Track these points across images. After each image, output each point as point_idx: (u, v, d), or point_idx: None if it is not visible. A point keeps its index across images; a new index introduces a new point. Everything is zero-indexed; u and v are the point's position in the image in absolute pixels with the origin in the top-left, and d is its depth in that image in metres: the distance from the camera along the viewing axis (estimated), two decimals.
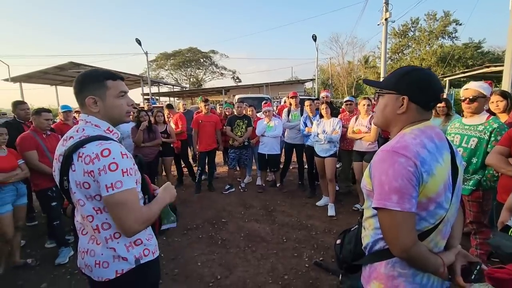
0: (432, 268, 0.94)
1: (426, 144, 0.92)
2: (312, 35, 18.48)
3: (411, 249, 0.88)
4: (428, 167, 0.89)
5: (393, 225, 0.89)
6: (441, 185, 0.91)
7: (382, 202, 0.89)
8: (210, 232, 3.50)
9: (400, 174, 0.87)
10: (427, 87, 0.98)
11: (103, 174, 1.01)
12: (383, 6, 8.80)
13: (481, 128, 2.37)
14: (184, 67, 39.81)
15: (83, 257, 1.17)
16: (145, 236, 1.21)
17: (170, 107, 5.81)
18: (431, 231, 0.94)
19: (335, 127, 4.01)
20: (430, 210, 0.92)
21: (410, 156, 0.88)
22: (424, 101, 0.99)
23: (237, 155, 4.96)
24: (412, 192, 0.87)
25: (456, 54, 23.77)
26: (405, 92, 0.99)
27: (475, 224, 2.51)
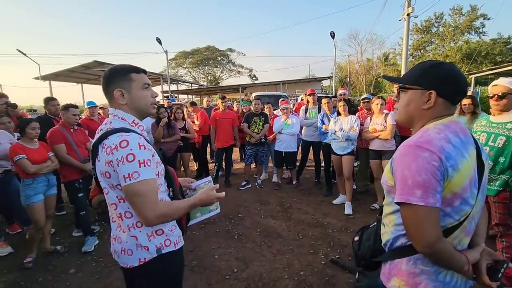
0: (456, 265, 0.92)
1: (451, 139, 0.91)
2: (331, 32, 18.19)
3: (435, 245, 0.87)
4: (453, 161, 0.87)
5: (416, 220, 0.88)
6: (466, 180, 0.89)
7: (405, 197, 0.88)
8: (227, 227, 3.57)
9: (424, 169, 0.85)
10: (454, 80, 0.96)
11: (121, 165, 1.06)
12: (405, 0, 8.52)
13: (509, 126, 2.27)
14: (202, 65, 40.44)
15: (113, 243, 1.23)
16: (167, 226, 1.24)
17: (193, 104, 5.91)
18: (456, 227, 0.92)
19: (352, 124, 3.96)
20: (455, 206, 0.90)
21: (435, 150, 0.86)
22: (452, 95, 0.97)
23: (254, 151, 5.00)
24: (437, 186, 0.85)
25: (483, 50, 22.63)
26: (432, 86, 0.96)
27: (501, 227, 2.41)
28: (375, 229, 1.21)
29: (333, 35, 18.24)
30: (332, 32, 18.17)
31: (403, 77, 1.09)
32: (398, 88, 1.10)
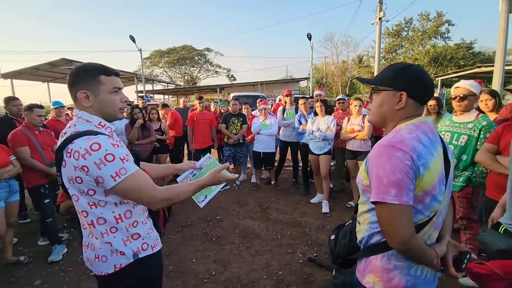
0: (427, 260, 0.96)
1: (421, 139, 0.95)
2: (307, 34, 18.51)
3: (409, 241, 0.90)
4: (424, 160, 0.91)
5: (392, 219, 0.91)
6: (436, 178, 0.93)
7: (381, 196, 0.90)
8: (205, 229, 3.51)
9: (398, 168, 0.88)
10: (423, 82, 1.01)
11: (103, 167, 1.01)
12: (377, 5, 8.88)
13: (470, 126, 2.42)
14: (178, 65, 39.60)
15: (85, 250, 1.18)
16: (144, 230, 1.21)
17: (165, 106, 5.79)
18: (426, 223, 0.96)
19: (329, 125, 4.05)
20: (426, 203, 0.94)
21: (407, 150, 0.90)
22: (421, 96, 1.01)
23: (232, 152, 4.97)
24: (410, 185, 0.88)
25: (448, 54, 24.08)
26: (403, 87, 1.00)
27: (464, 220, 2.57)
28: (350, 227, 1.23)
29: (310, 36, 18.59)
30: (308, 33, 18.50)
31: (375, 78, 1.12)
32: (371, 90, 1.13)
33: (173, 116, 5.25)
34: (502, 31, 6.97)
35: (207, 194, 1.49)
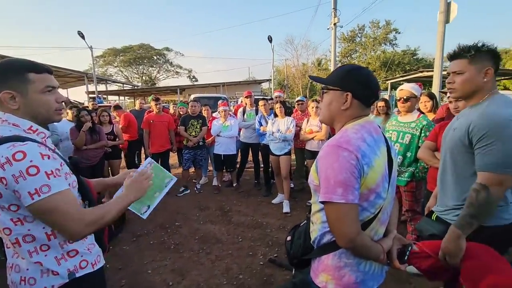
0: (374, 255, 1.00)
1: (366, 138, 0.97)
2: (268, 36, 18.81)
3: (356, 239, 0.92)
4: (368, 159, 0.93)
5: (339, 217, 0.93)
6: (379, 176, 0.96)
7: (328, 195, 0.92)
8: (162, 237, 3.34)
9: (344, 168, 0.90)
10: (368, 84, 1.03)
11: (21, 181, 0.87)
12: (332, 11, 9.34)
13: (413, 125, 2.62)
14: (135, 65, 37.57)
15: (9, 273, 1.02)
16: (83, 246, 1.08)
17: (118, 108, 5.41)
18: (372, 220, 1.00)
19: (289, 126, 4.12)
20: (371, 201, 0.97)
21: (352, 149, 0.92)
22: (365, 97, 1.04)
23: (192, 155, 4.82)
24: (355, 184, 0.91)
25: (396, 60, 26.28)
26: (348, 88, 1.03)
27: (410, 212, 2.77)
28: (305, 228, 1.24)
29: (271, 39, 18.91)
30: (269, 36, 18.81)
31: (326, 78, 1.14)
32: (321, 89, 1.16)
33: (126, 119, 4.93)
34: (440, 40, 7.74)
35: (149, 204, 1.37)
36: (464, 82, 1.38)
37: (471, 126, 1.32)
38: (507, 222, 1.36)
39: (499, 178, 1.25)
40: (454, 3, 7.35)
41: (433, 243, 1.36)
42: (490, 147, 1.26)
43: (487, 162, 1.27)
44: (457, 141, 1.41)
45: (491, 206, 1.28)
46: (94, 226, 1.00)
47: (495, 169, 1.25)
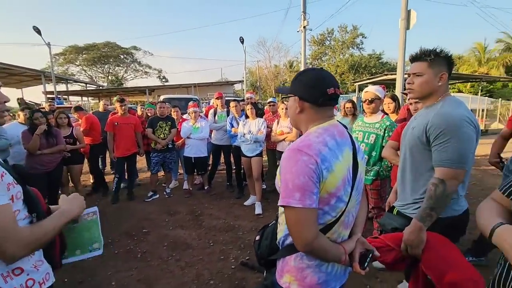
0: (333, 258, 1.00)
1: (327, 142, 0.97)
2: (240, 38, 18.78)
3: (312, 243, 0.92)
4: (328, 164, 0.93)
5: (296, 222, 0.92)
6: (340, 180, 0.96)
7: (286, 200, 0.92)
8: (128, 246, 3.16)
9: (303, 172, 0.90)
10: (313, 84, 1.02)
11: None
12: (301, 14, 9.54)
13: (377, 126, 2.73)
14: (100, 64, 35.48)
15: None
16: (29, 264, 0.98)
17: (79, 109, 5.05)
18: (334, 223, 1.00)
19: (260, 127, 4.11)
20: (332, 204, 0.97)
21: (312, 154, 0.91)
22: (312, 98, 1.02)
23: (161, 159, 4.64)
24: (313, 188, 0.90)
25: (363, 63, 27.52)
26: (295, 92, 1.05)
27: (376, 209, 2.88)
28: (272, 228, 1.24)
29: (242, 40, 18.90)
30: (241, 37, 18.78)
31: (284, 87, 1.20)
32: (281, 98, 1.18)
33: (88, 121, 4.62)
34: (401, 45, 8.23)
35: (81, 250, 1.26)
36: (422, 84, 1.48)
37: (428, 125, 1.41)
38: (458, 212, 1.49)
39: (454, 172, 1.34)
40: (414, 11, 7.86)
41: (394, 236, 1.43)
42: (446, 144, 1.35)
43: (444, 158, 1.36)
44: (415, 139, 1.50)
45: (448, 198, 1.37)
46: (32, 246, 0.92)
47: (451, 165, 1.34)
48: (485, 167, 5.83)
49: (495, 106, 15.16)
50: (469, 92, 20.07)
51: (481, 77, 16.46)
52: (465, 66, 23.90)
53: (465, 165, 1.35)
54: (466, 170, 1.37)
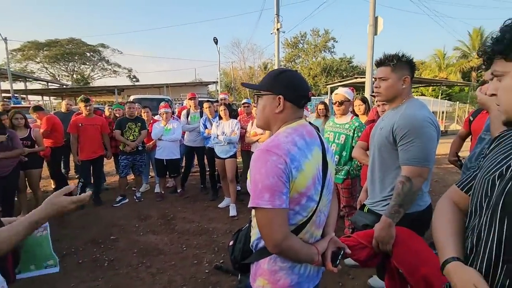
0: (305, 258, 1.00)
1: (296, 142, 0.97)
2: (214, 38, 18.58)
3: (282, 244, 0.92)
4: (297, 163, 0.92)
5: (266, 223, 0.91)
6: (310, 179, 0.96)
7: (256, 201, 0.90)
8: (94, 254, 2.97)
9: (272, 172, 0.89)
10: (298, 86, 1.04)
11: None
12: (275, 17, 9.66)
13: (347, 127, 2.82)
14: (64, 61, 33.33)
15: None
16: None
17: (38, 109, 4.67)
18: (306, 223, 1.00)
19: (233, 128, 4.08)
20: (302, 204, 0.97)
21: (281, 154, 0.91)
22: (297, 99, 1.04)
23: (130, 161, 4.44)
24: (283, 189, 0.90)
25: (334, 66, 28.46)
26: (280, 91, 1.03)
27: (347, 208, 2.97)
28: (246, 231, 1.22)
29: (216, 41, 18.72)
30: (215, 37, 18.60)
31: (258, 84, 1.14)
32: (253, 94, 1.14)
33: (50, 122, 4.30)
34: (370, 49, 8.63)
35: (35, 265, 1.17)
36: (387, 87, 1.56)
37: (395, 126, 1.48)
38: (422, 208, 1.58)
39: (419, 170, 1.42)
40: (381, 18, 8.28)
41: (366, 234, 1.47)
42: (411, 144, 1.43)
43: (409, 157, 1.43)
44: (383, 139, 1.57)
45: (414, 195, 1.45)
46: None
47: (416, 163, 1.42)
48: (445, 166, 6.24)
49: (453, 108, 16.39)
50: (430, 95, 21.52)
51: (441, 82, 17.73)
52: (427, 71, 25.66)
53: (429, 163, 1.44)
54: (430, 167, 1.46)
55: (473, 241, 0.78)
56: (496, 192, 0.72)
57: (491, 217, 0.72)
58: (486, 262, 0.72)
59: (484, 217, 0.75)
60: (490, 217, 0.72)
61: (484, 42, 0.77)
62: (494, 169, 0.76)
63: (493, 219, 0.71)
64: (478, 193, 0.80)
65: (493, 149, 0.84)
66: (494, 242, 0.70)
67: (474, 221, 0.80)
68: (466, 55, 25.06)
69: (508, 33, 0.67)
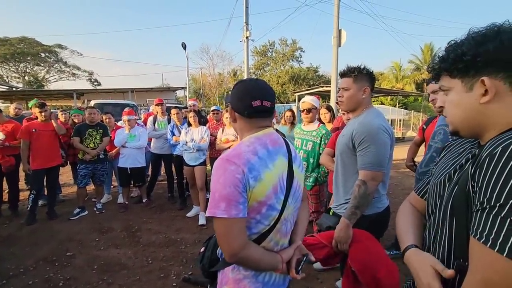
0: (267, 267, 1.01)
1: (258, 151, 0.97)
2: (182, 43, 18.38)
3: (239, 254, 0.91)
4: (256, 172, 0.92)
5: (222, 232, 0.91)
6: (269, 188, 0.95)
7: (212, 210, 0.90)
8: (48, 273, 2.70)
9: (229, 182, 0.89)
10: (241, 97, 1.03)
11: None
12: (244, 25, 9.78)
13: (314, 134, 2.91)
14: (14, 61, 30.47)
15: None
16: None
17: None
18: (269, 231, 1.00)
19: (203, 135, 4.01)
20: (263, 213, 0.96)
21: (239, 163, 0.91)
22: (241, 110, 1.03)
23: (90, 171, 4.15)
24: (239, 198, 0.89)
25: (302, 75, 29.43)
26: (230, 102, 1.07)
27: (315, 213, 3.05)
28: (215, 239, 1.20)
29: (185, 46, 18.51)
30: (183, 43, 18.40)
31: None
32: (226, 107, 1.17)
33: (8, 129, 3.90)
34: (334, 60, 9.08)
35: None
36: (349, 97, 1.66)
37: (354, 133, 1.59)
38: (380, 209, 1.69)
39: (373, 174, 1.53)
40: (344, 31, 8.77)
41: (327, 234, 1.56)
42: (367, 149, 1.54)
43: (365, 162, 1.54)
44: (344, 146, 1.68)
45: (370, 197, 1.55)
46: None
47: (370, 168, 1.53)
48: (403, 170, 6.70)
49: (409, 117, 17.77)
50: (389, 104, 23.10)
51: (398, 92, 19.13)
52: (386, 81, 27.55)
53: (383, 167, 1.55)
54: (384, 172, 1.56)
55: (429, 239, 0.85)
56: (446, 194, 0.79)
57: (443, 217, 0.79)
58: (440, 259, 0.77)
59: (437, 218, 0.82)
60: (442, 217, 0.79)
61: (433, 59, 0.84)
62: (444, 173, 0.85)
63: (444, 219, 0.78)
64: (432, 195, 0.87)
65: (443, 156, 0.94)
66: (446, 240, 0.77)
67: (429, 221, 0.87)
68: (419, 67, 27.41)
69: (452, 53, 0.74)
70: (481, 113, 0.71)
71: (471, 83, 0.71)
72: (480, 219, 0.63)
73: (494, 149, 0.63)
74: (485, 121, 0.71)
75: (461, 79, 0.73)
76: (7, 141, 3.95)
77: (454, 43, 0.75)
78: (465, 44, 0.71)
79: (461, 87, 0.74)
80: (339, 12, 8.81)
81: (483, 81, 0.68)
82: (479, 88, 0.70)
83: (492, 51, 0.67)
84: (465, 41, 0.72)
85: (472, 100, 0.72)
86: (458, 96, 0.75)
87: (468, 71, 0.71)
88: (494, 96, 0.68)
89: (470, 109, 0.73)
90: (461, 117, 0.76)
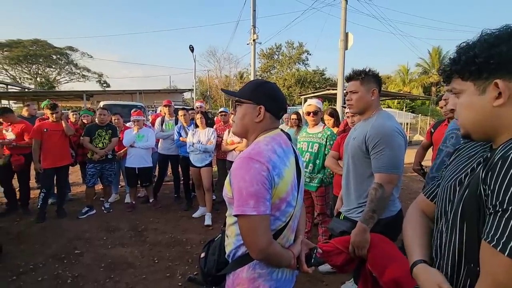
0: (285, 263, 1.03)
1: (276, 150, 1.00)
2: (190, 46, 18.54)
3: (268, 249, 0.94)
4: (278, 170, 0.96)
5: (250, 229, 0.93)
6: (289, 185, 1.00)
7: (241, 208, 0.92)
8: (56, 270, 2.76)
9: (255, 179, 0.91)
10: (277, 98, 1.10)
11: None
12: (251, 28, 9.85)
13: (319, 135, 2.92)
14: (27, 63, 31.20)
15: None
16: None
17: (6, 111, 4.25)
18: (284, 228, 1.03)
19: (209, 137, 4.05)
20: (282, 209, 1.00)
21: (264, 161, 0.93)
22: (276, 110, 1.09)
23: (98, 170, 4.22)
24: (266, 195, 0.92)
25: (308, 78, 29.39)
26: (261, 101, 1.06)
27: (321, 216, 3.04)
28: (219, 242, 1.21)
29: (192, 48, 18.67)
30: (191, 45, 18.55)
31: (238, 92, 1.15)
32: (235, 102, 1.16)
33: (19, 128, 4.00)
34: (341, 63, 9.05)
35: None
36: (358, 99, 1.66)
37: (367, 136, 1.58)
38: (394, 213, 1.67)
39: (390, 177, 1.52)
40: (351, 34, 8.74)
41: (343, 239, 1.54)
42: (382, 152, 1.53)
43: (381, 165, 1.53)
44: (356, 149, 1.67)
45: (386, 200, 1.54)
46: None
47: (386, 170, 1.52)
48: (410, 174, 6.62)
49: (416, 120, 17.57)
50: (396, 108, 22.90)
51: (405, 95, 18.96)
52: (392, 85, 27.34)
53: (398, 170, 1.54)
54: (399, 174, 1.56)
55: (439, 244, 0.84)
56: (457, 198, 0.78)
57: (453, 222, 0.77)
58: (450, 264, 0.77)
59: (447, 222, 0.80)
60: (452, 221, 0.78)
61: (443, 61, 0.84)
62: (455, 177, 0.83)
63: (454, 223, 0.77)
64: (442, 199, 0.86)
65: (453, 160, 0.92)
66: (456, 245, 0.75)
67: (439, 226, 0.85)
68: (427, 71, 27.11)
69: (464, 55, 0.72)
70: (494, 116, 0.70)
71: (484, 86, 0.70)
72: (492, 223, 0.62)
73: (506, 152, 0.63)
74: (498, 124, 0.70)
75: (473, 81, 0.72)
76: (15, 141, 4.04)
77: (466, 45, 0.73)
78: (477, 46, 0.69)
79: (473, 89, 0.72)
80: (346, 16, 8.81)
81: (496, 84, 0.67)
82: (492, 91, 0.68)
83: (505, 53, 0.65)
84: (478, 43, 0.70)
85: (485, 103, 0.70)
86: (470, 99, 0.74)
87: (481, 73, 0.69)
88: (508, 99, 0.67)
89: (483, 112, 0.71)
90: (473, 120, 0.74)
